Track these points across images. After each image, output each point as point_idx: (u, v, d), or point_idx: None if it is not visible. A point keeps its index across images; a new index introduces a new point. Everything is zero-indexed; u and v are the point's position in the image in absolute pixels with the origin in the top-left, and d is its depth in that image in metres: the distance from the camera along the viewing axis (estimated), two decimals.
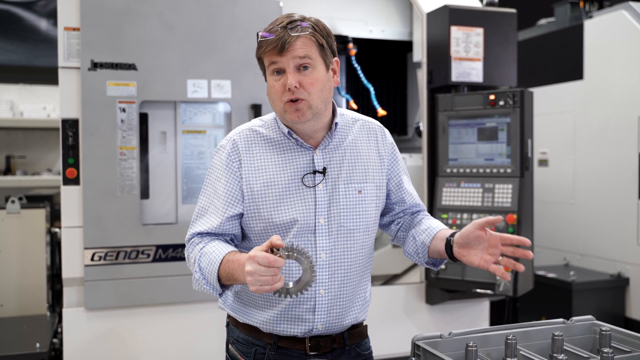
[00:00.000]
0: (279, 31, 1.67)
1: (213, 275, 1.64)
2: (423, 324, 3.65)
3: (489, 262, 1.67)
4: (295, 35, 1.65)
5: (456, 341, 1.59)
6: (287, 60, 1.66)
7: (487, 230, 1.66)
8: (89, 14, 3.05)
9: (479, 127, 3.45)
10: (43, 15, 5.84)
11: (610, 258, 4.36)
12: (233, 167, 1.75)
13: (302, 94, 1.67)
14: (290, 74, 1.66)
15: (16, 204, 3.86)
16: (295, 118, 1.68)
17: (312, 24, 1.70)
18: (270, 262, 1.46)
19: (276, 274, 1.47)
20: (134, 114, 3.13)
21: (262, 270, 1.46)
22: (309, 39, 1.68)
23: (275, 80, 1.69)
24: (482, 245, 1.68)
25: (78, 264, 3.08)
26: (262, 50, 1.71)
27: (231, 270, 1.60)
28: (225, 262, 1.62)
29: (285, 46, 1.65)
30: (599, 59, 4.47)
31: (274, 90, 1.70)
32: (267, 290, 1.49)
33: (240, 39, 3.27)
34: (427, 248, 1.86)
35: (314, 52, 1.68)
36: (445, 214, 3.48)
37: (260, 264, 1.46)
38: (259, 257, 1.46)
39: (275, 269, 1.47)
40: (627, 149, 4.20)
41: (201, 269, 1.67)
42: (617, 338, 1.65)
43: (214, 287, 1.66)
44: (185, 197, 3.30)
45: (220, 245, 1.69)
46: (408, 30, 4.14)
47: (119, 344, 3.15)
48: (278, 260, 1.47)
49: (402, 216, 1.99)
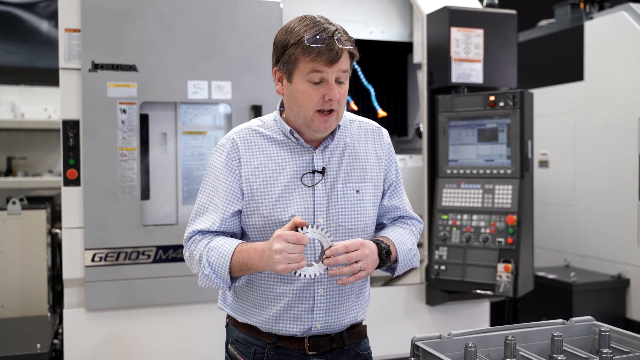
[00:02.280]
0: (329, 40, 1.64)
1: (224, 268, 1.67)
2: (423, 324, 3.65)
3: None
4: (344, 48, 1.66)
5: (455, 342, 1.59)
6: (333, 72, 1.67)
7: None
8: (89, 16, 3.06)
9: (479, 128, 3.45)
10: (44, 17, 5.86)
11: (611, 259, 4.36)
12: (232, 166, 1.76)
13: (335, 106, 1.70)
14: (334, 86, 1.67)
15: (17, 205, 3.86)
16: (323, 128, 1.71)
17: (349, 36, 1.70)
18: (298, 239, 1.54)
19: (302, 252, 1.55)
20: (134, 115, 3.14)
21: (290, 247, 1.54)
22: (349, 53, 1.70)
23: (314, 89, 1.68)
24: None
25: (79, 265, 3.09)
26: (311, 57, 1.65)
27: (245, 259, 1.65)
28: (238, 253, 1.67)
29: (337, 59, 1.65)
30: (599, 60, 4.47)
31: (309, 97, 1.69)
32: (294, 269, 1.56)
33: (241, 41, 3.28)
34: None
35: (349, 65, 1.72)
36: (446, 215, 3.48)
37: (289, 241, 1.54)
38: (287, 235, 1.54)
39: (302, 246, 1.55)
40: (627, 150, 4.20)
41: (210, 263, 1.70)
42: (617, 339, 1.65)
43: (225, 280, 1.69)
44: (186, 198, 3.31)
45: (228, 239, 1.73)
46: (408, 32, 4.14)
47: (119, 345, 3.15)
48: (305, 238, 1.55)
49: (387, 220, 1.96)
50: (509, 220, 3.27)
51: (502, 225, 3.29)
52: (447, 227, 3.47)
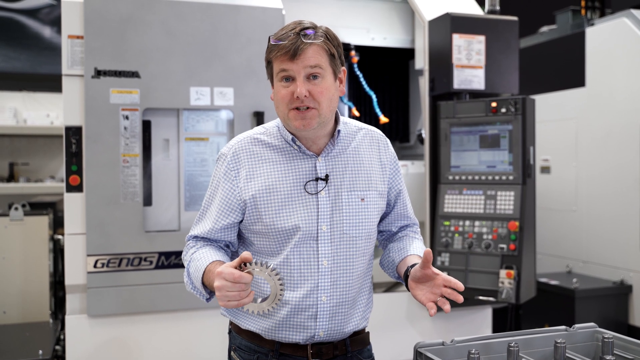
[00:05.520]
0: (292, 37, 1.66)
1: (198, 282, 1.68)
2: (425, 331, 3.65)
3: (428, 299, 1.66)
4: (308, 42, 1.65)
5: (458, 348, 1.59)
6: (297, 68, 1.66)
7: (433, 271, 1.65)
8: (92, 22, 3.07)
9: (481, 135, 3.45)
10: (47, 23, 5.88)
11: (613, 265, 4.35)
12: (231, 176, 1.77)
13: (311, 103, 1.67)
14: (301, 83, 1.65)
15: (19, 211, 3.87)
16: (300, 126, 1.69)
17: (324, 32, 1.71)
18: (235, 278, 1.47)
19: (243, 290, 1.49)
20: (137, 122, 3.14)
21: (228, 285, 1.48)
22: (321, 48, 1.68)
23: (283, 87, 1.69)
24: (429, 284, 1.68)
25: (81, 271, 3.09)
26: (273, 54, 1.68)
27: (210, 281, 1.63)
28: (207, 272, 1.66)
29: (297, 52, 1.64)
30: (600, 66, 4.47)
31: (280, 97, 1.70)
32: (234, 306, 1.50)
33: (243, 47, 3.29)
34: (395, 267, 1.89)
35: (324, 61, 1.69)
36: (448, 221, 3.48)
37: (227, 279, 1.48)
38: (225, 273, 1.48)
39: (242, 285, 1.48)
40: (629, 155, 4.19)
41: (189, 274, 1.74)
42: (620, 345, 1.65)
43: (200, 292, 1.71)
44: (188, 204, 3.31)
45: (208, 253, 1.72)
46: (410, 38, 4.15)
47: (121, 351, 3.15)
48: (244, 276, 1.47)
49: (392, 228, 1.98)
50: (511, 227, 3.27)
51: (504, 232, 3.29)
52: (449, 234, 3.47)
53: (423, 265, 1.65)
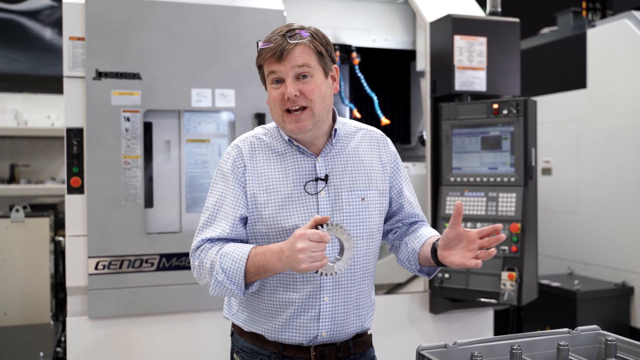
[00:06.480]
0: (278, 39, 1.68)
1: (239, 273, 1.64)
2: (427, 333, 3.64)
3: (467, 257, 1.66)
4: (294, 43, 1.67)
5: (461, 351, 1.58)
6: (286, 69, 1.67)
7: (463, 228, 1.67)
8: (94, 24, 3.07)
9: (482, 136, 3.45)
10: (48, 25, 5.88)
11: (615, 267, 4.34)
12: (238, 173, 1.77)
13: (303, 102, 1.68)
14: (290, 84, 1.67)
15: (20, 213, 3.87)
16: (295, 129, 1.70)
17: (310, 32, 1.72)
18: (320, 237, 1.51)
19: (324, 250, 1.53)
20: (138, 123, 3.14)
21: (313, 246, 1.51)
22: (308, 47, 1.69)
23: (275, 89, 1.70)
24: (462, 244, 1.69)
25: (82, 273, 3.08)
26: (261, 58, 1.72)
27: (262, 262, 1.62)
28: (253, 256, 1.64)
29: (284, 53, 1.66)
30: (602, 67, 4.47)
31: (272, 99, 1.72)
32: (317, 267, 1.53)
33: (244, 49, 3.29)
34: (417, 255, 1.87)
35: (312, 60, 1.70)
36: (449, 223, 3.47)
37: (312, 240, 1.51)
38: (309, 234, 1.51)
39: (324, 245, 1.52)
40: (630, 157, 4.19)
41: (224, 269, 1.66)
42: (623, 348, 1.65)
43: (239, 286, 1.66)
44: (189, 205, 3.31)
45: (240, 245, 1.71)
46: (411, 40, 4.15)
47: (122, 353, 3.14)
48: (326, 236, 1.53)
49: (401, 226, 1.99)
50: (512, 228, 3.26)
51: (506, 233, 3.28)
52: None
53: (453, 223, 1.66)
